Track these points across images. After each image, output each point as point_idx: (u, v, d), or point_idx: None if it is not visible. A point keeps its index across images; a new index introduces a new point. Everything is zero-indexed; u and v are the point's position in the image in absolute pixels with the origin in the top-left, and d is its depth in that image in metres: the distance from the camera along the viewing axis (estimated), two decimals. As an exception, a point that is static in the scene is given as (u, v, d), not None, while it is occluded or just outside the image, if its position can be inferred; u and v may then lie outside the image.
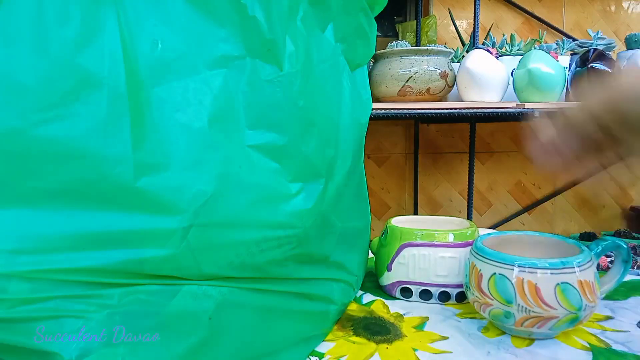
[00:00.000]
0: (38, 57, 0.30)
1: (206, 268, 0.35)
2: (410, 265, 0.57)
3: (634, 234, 1.79)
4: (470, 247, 0.52)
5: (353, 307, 0.57)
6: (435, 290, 0.57)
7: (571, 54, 1.49)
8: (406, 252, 0.57)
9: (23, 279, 0.30)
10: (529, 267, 0.45)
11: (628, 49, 1.42)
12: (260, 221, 0.37)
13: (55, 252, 0.31)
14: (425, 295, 0.57)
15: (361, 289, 0.63)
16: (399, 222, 0.63)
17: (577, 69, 1.35)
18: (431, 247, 0.56)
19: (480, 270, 0.47)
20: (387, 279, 0.59)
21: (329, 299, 0.48)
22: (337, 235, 0.47)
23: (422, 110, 1.28)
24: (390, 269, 0.58)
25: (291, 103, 0.39)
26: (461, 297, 0.57)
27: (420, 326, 0.51)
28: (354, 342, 0.48)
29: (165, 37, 0.34)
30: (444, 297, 0.57)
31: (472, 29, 1.57)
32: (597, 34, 1.51)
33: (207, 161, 0.34)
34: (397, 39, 1.74)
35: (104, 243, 0.32)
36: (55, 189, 0.31)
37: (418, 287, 0.57)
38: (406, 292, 0.58)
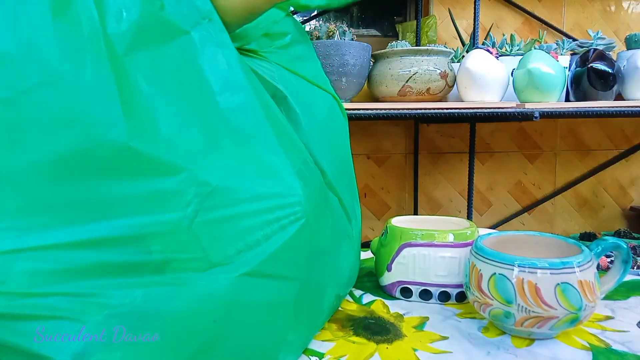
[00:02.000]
0: (18, 23, 0.29)
1: (214, 257, 0.35)
2: (410, 265, 0.57)
3: (634, 234, 1.79)
4: (470, 247, 0.52)
5: (353, 307, 0.57)
6: (435, 290, 0.57)
7: (571, 54, 1.49)
8: (406, 252, 0.57)
9: (24, 270, 0.30)
10: (529, 267, 0.45)
11: (628, 49, 1.41)
12: (262, 200, 0.37)
13: (58, 226, 0.30)
14: (425, 295, 0.57)
15: (361, 289, 0.63)
16: (399, 222, 0.63)
17: (577, 69, 1.35)
18: (431, 247, 0.56)
19: (480, 270, 0.47)
20: (387, 279, 0.59)
21: (324, 285, 0.47)
22: (331, 226, 0.47)
23: (422, 110, 1.28)
24: (390, 269, 0.58)
25: (246, 71, 0.39)
26: (461, 297, 0.57)
27: (420, 326, 0.51)
28: (354, 342, 0.48)
29: (127, 6, 0.34)
30: (444, 297, 0.57)
31: (472, 29, 1.57)
32: (597, 34, 1.51)
33: (201, 139, 0.34)
34: (397, 39, 1.74)
35: (106, 211, 0.31)
36: (52, 160, 0.30)
37: (418, 287, 0.57)
38: (406, 292, 0.58)
